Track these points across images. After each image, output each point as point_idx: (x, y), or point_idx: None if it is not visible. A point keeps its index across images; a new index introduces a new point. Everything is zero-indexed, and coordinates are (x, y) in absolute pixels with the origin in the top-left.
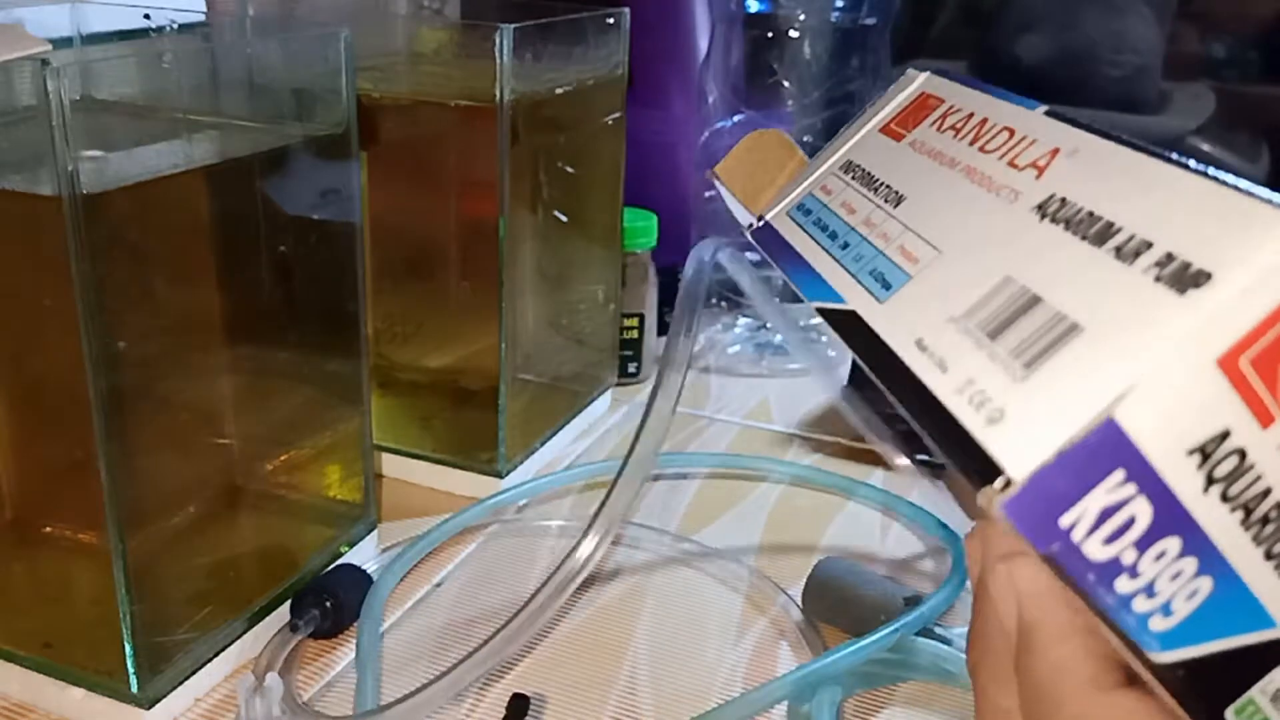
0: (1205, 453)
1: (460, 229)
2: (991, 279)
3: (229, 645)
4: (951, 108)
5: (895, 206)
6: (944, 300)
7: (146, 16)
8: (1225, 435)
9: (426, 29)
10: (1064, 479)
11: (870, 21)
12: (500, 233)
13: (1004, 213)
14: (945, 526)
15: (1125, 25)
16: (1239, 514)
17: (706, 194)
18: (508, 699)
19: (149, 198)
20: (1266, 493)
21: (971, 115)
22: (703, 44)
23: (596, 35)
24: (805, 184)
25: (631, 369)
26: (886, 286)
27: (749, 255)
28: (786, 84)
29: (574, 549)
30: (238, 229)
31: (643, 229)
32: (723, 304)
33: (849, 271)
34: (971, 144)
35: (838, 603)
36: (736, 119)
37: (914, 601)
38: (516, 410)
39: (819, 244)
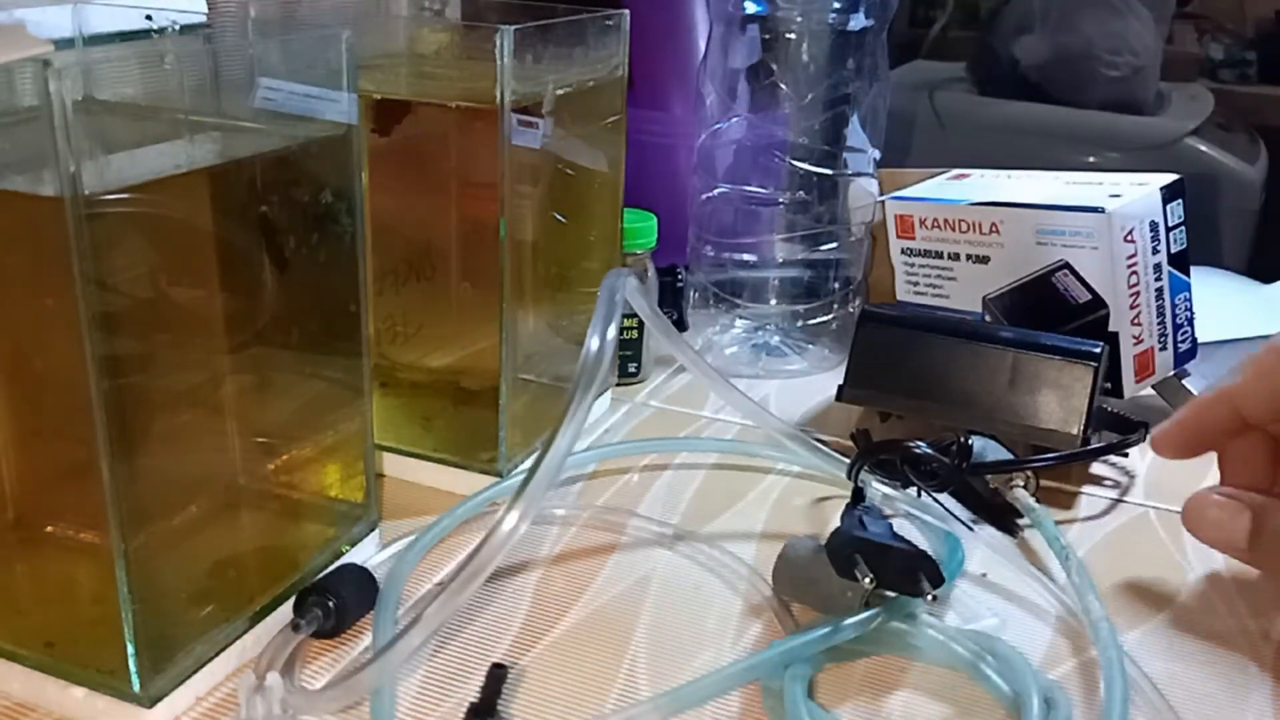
0: None
1: (461, 229)
2: None
3: (230, 644)
4: None
5: None
6: None
7: (148, 17)
8: None
9: (427, 30)
10: None
11: (868, 24)
12: (501, 233)
13: None
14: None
15: (1123, 27)
16: None
17: (704, 195)
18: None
19: (151, 199)
20: None
21: None
22: (702, 46)
23: (596, 37)
24: None
25: (631, 369)
26: None
27: None
28: (784, 86)
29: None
30: (239, 230)
31: (642, 229)
32: (720, 305)
33: None
34: None
35: (804, 581)
36: (734, 120)
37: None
38: (517, 410)
39: None
